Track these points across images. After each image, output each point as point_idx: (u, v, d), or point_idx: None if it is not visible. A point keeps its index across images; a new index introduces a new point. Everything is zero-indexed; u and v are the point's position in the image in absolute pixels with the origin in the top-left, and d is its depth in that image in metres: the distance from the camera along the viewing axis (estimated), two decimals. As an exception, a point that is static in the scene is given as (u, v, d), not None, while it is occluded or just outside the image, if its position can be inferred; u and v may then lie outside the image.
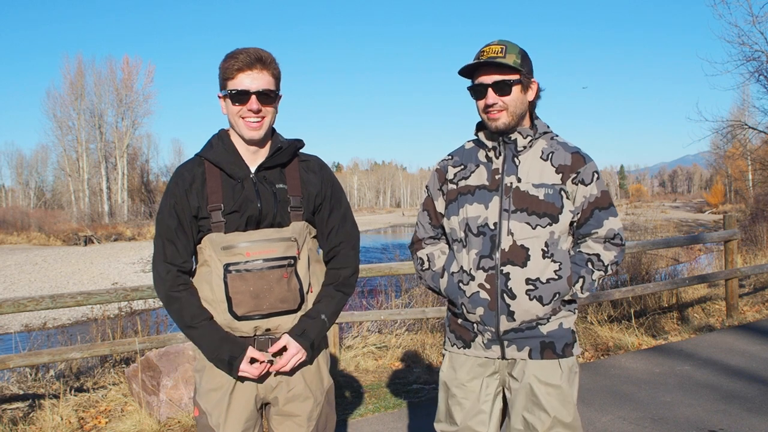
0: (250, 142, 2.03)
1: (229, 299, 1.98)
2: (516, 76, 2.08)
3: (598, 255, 2.17)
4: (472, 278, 2.13)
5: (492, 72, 2.09)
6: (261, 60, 1.97)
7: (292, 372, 2.07)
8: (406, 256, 11.80)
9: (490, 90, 2.08)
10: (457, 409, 2.20)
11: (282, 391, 2.09)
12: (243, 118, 1.99)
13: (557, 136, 2.22)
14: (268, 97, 1.99)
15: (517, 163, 2.14)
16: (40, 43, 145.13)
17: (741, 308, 7.46)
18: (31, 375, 5.52)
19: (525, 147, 2.15)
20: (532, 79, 2.15)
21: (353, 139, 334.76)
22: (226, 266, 1.98)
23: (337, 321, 5.70)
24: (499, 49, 2.07)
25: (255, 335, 2.03)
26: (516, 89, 2.09)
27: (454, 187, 2.22)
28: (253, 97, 1.96)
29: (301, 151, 2.16)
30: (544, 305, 2.09)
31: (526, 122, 2.18)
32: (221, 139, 2.07)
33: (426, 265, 2.31)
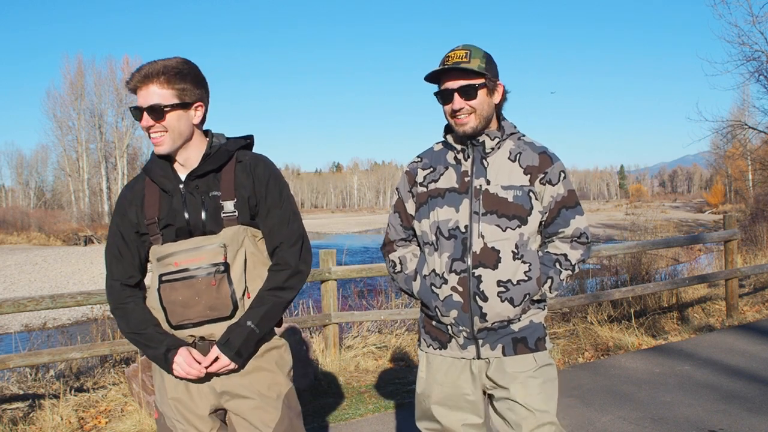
0: (161, 156, 2.05)
1: (164, 309, 2.01)
2: (481, 80, 2.10)
3: (565, 255, 2.19)
4: (445, 281, 2.14)
5: (457, 77, 2.10)
6: (147, 75, 1.97)
7: (222, 374, 2.05)
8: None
9: (456, 95, 2.10)
10: (438, 409, 2.22)
11: (230, 398, 2.08)
12: (148, 135, 2.02)
13: (524, 136, 2.24)
14: (157, 112, 1.96)
15: (486, 165, 2.15)
16: (40, 43, 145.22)
17: (741, 308, 7.46)
18: (31, 375, 5.52)
19: (493, 149, 2.16)
20: (498, 82, 2.16)
21: (353, 139, 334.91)
22: (160, 277, 2.01)
23: (337, 321, 5.70)
24: (464, 54, 2.10)
25: (194, 342, 2.04)
26: (482, 93, 2.11)
27: (424, 189, 2.23)
28: (144, 114, 1.97)
29: (253, 150, 2.16)
30: (515, 306, 2.12)
31: (494, 124, 2.20)
32: (155, 153, 2.08)
33: (398, 268, 2.32)
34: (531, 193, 2.13)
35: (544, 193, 2.16)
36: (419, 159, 2.32)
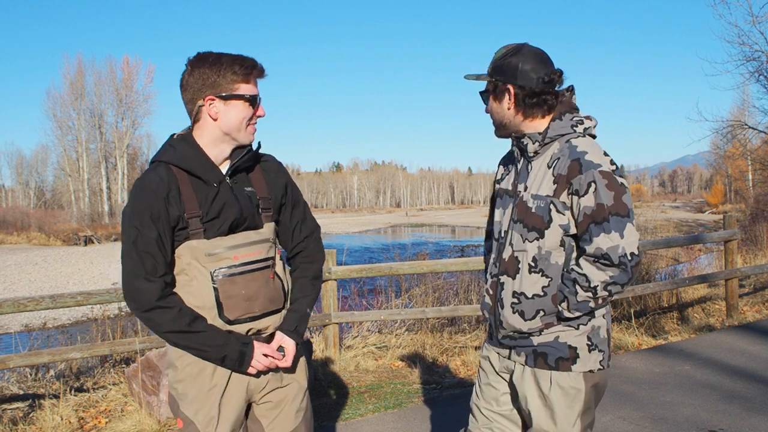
0: (241, 147, 2.05)
1: (219, 305, 1.98)
2: (486, 87, 2.11)
3: (585, 275, 1.96)
4: (486, 282, 2.22)
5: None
6: (263, 69, 2.04)
7: (292, 367, 2.13)
8: (406, 256, 11.79)
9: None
10: (486, 390, 2.26)
11: (271, 388, 2.11)
12: (250, 123, 2.02)
13: (577, 137, 2.02)
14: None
15: (529, 170, 2.08)
16: (40, 43, 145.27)
17: (741, 308, 7.46)
18: (31, 375, 5.52)
19: (537, 153, 2.06)
20: (508, 85, 2.03)
21: (353, 139, 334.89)
22: (214, 272, 1.97)
23: (337, 321, 5.71)
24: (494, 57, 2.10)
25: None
26: (490, 99, 2.10)
27: (498, 187, 2.26)
28: (261, 104, 2.04)
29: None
30: (525, 320, 2.05)
31: (542, 125, 2.06)
32: (186, 142, 2.00)
33: (485, 259, 2.38)
34: (552, 205, 1.98)
35: (573, 205, 1.97)
36: (506, 155, 2.32)
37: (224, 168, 2.04)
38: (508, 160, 2.26)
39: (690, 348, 5.71)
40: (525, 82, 2.02)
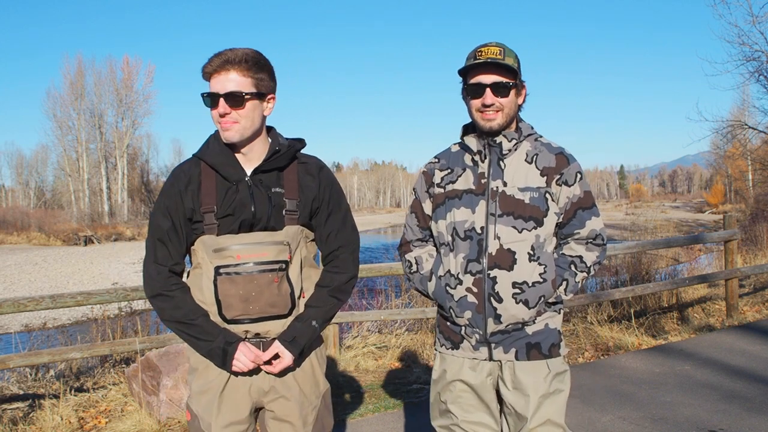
0: (229, 145, 2.00)
1: (218, 302, 1.97)
2: (514, 80, 2.10)
3: (580, 257, 2.18)
4: (460, 282, 2.14)
5: (491, 72, 2.09)
6: (228, 61, 1.92)
7: (280, 374, 2.05)
8: (406, 256, 11.78)
9: (488, 90, 2.08)
10: (453, 406, 2.22)
11: (275, 396, 2.07)
12: (219, 121, 1.97)
13: (541, 137, 2.23)
14: (236, 99, 1.93)
15: (503, 167, 2.14)
16: (40, 43, 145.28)
17: (741, 308, 7.46)
18: (31, 375, 5.52)
19: (510, 150, 2.15)
20: (524, 83, 2.17)
21: (353, 139, 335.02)
22: (217, 269, 1.96)
23: (337, 321, 5.70)
24: (498, 51, 2.08)
25: (246, 339, 2.02)
26: (512, 92, 2.10)
27: (442, 191, 2.23)
28: (221, 100, 1.92)
29: (301, 152, 2.13)
30: (529, 308, 2.11)
31: (512, 125, 2.18)
32: (217, 140, 2.03)
33: (414, 268, 2.32)
34: (547, 195, 2.12)
35: (560, 194, 2.15)
36: (436, 160, 2.31)
37: (254, 165, 2.03)
38: (451, 163, 2.24)
39: (690, 348, 5.71)
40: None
